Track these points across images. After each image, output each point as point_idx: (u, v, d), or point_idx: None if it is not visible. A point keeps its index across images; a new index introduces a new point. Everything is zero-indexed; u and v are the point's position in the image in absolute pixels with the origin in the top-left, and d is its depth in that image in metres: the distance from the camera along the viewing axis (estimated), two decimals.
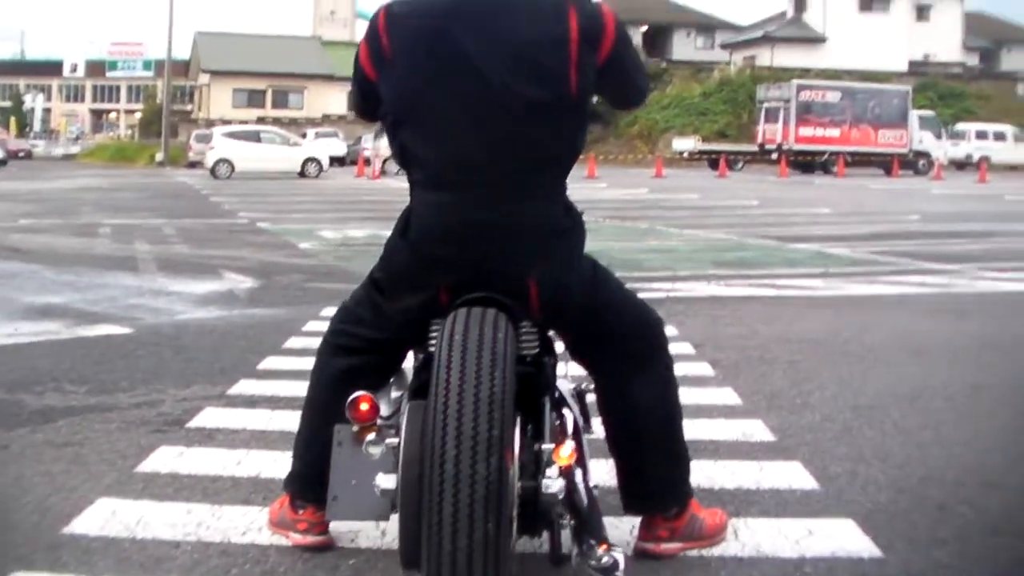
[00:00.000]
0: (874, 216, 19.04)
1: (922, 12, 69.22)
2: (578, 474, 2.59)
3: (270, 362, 5.79)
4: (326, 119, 63.11)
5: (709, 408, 4.81)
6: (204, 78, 67.63)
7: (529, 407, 2.60)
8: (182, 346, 6.35)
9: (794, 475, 3.86)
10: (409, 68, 2.70)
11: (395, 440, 2.48)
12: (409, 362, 2.91)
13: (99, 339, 6.50)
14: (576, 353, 3.02)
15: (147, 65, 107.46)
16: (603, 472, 3.29)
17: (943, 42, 68.78)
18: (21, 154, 66.48)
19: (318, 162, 38.48)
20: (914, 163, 44.22)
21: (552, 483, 2.42)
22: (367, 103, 2.93)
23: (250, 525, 3.27)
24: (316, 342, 3.18)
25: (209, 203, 22.62)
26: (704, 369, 5.73)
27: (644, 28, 78.32)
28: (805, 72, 56.50)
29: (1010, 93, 66.12)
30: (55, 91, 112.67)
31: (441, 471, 2.24)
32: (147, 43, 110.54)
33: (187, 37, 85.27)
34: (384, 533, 3.16)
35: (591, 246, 2.89)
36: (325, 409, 2.91)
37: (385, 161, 39.93)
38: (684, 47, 78.77)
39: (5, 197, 23.96)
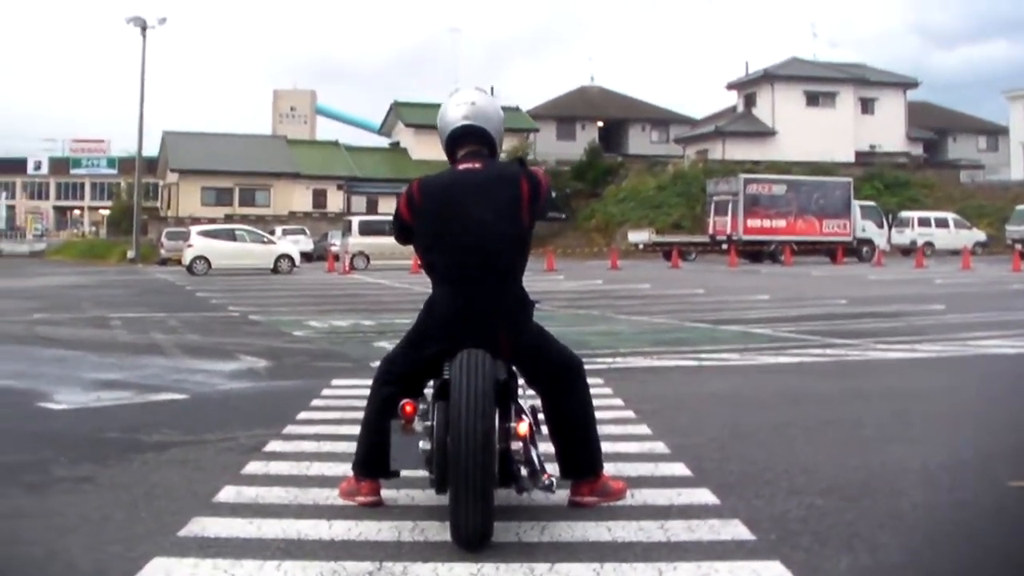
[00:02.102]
0: (806, 301, 21.08)
1: (867, 105, 72.58)
2: (531, 448, 4.59)
3: (304, 415, 7.70)
4: (292, 216, 65.01)
5: (627, 435, 6.79)
6: (173, 176, 69.54)
7: (503, 406, 4.60)
8: (233, 406, 8.30)
9: (679, 471, 5.83)
10: (431, 214, 4.76)
11: (429, 423, 4.47)
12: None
13: (167, 402, 8.44)
14: (529, 380, 5.03)
15: (111, 163, 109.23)
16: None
17: (888, 133, 72.09)
18: None
19: (291, 258, 40.22)
20: (858, 250, 46.76)
21: (516, 443, 4.42)
22: (404, 235, 4.97)
23: (326, 499, 5.19)
24: (335, 403, 5.18)
25: (197, 298, 24.30)
26: (629, 415, 7.69)
27: (600, 124, 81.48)
28: (756, 164, 59.30)
29: (953, 181, 69.09)
30: (19, 189, 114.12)
31: (459, 434, 4.22)
32: (109, 140, 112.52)
33: (151, 135, 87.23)
34: (413, 498, 5.10)
35: (549, 330, 4.89)
36: (378, 416, 4.88)
37: (354, 257, 42.01)
38: (640, 141, 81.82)
39: (5, 295, 25.72)
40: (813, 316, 16.95)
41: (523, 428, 4.52)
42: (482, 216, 4.74)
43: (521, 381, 5.04)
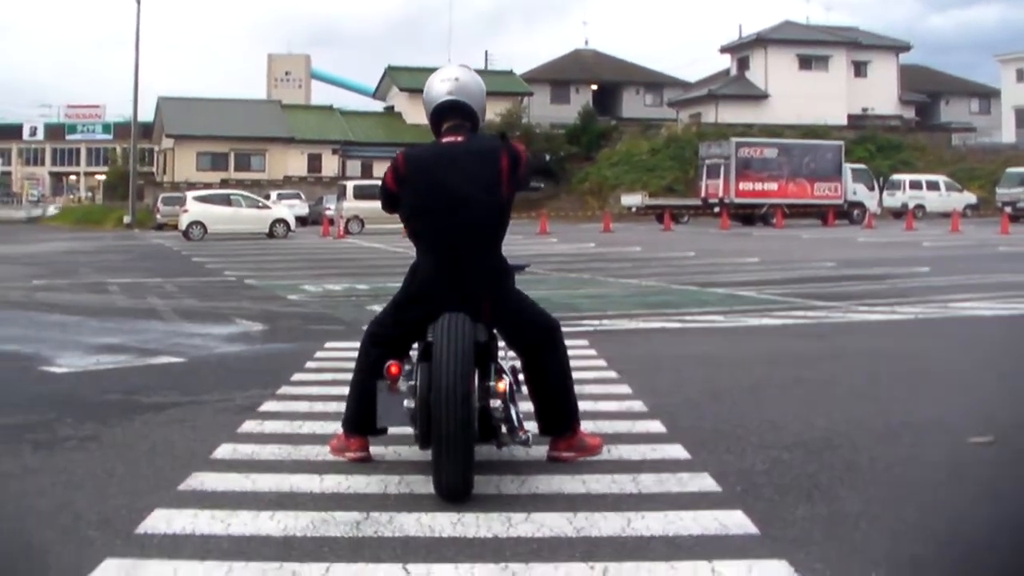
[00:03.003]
0: (794, 264, 21.40)
1: (859, 68, 72.70)
2: (510, 405, 4.88)
3: (297, 376, 7.97)
4: (287, 181, 65.12)
5: (608, 395, 7.08)
6: (168, 142, 69.66)
7: (483, 366, 4.87)
8: (230, 368, 8.58)
9: (655, 428, 6.12)
10: (416, 184, 5.03)
11: (413, 383, 4.74)
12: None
13: (166, 365, 8.72)
14: (509, 341, 5.30)
15: (106, 128, 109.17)
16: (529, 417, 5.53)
17: (880, 96, 72.21)
18: None
19: (286, 223, 40.45)
20: (849, 213, 47.08)
21: (495, 401, 4.71)
22: (390, 204, 5.23)
23: (317, 455, 5.47)
24: (327, 364, 5.48)
25: (193, 263, 24.56)
26: (611, 375, 7.97)
27: (594, 87, 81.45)
28: (749, 128, 59.47)
29: (945, 144, 69.36)
30: (14, 155, 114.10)
31: (440, 393, 4.50)
32: (104, 106, 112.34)
33: (145, 100, 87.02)
34: (399, 454, 5.38)
35: (538, 293, 5.18)
36: (366, 377, 5.15)
37: (348, 221, 42.21)
38: (633, 105, 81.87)
39: (4, 261, 25.98)
40: (800, 279, 17.24)
41: (502, 386, 4.80)
42: (463, 187, 5.00)
43: (502, 343, 5.32)
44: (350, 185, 45.29)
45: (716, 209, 46.20)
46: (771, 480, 4.95)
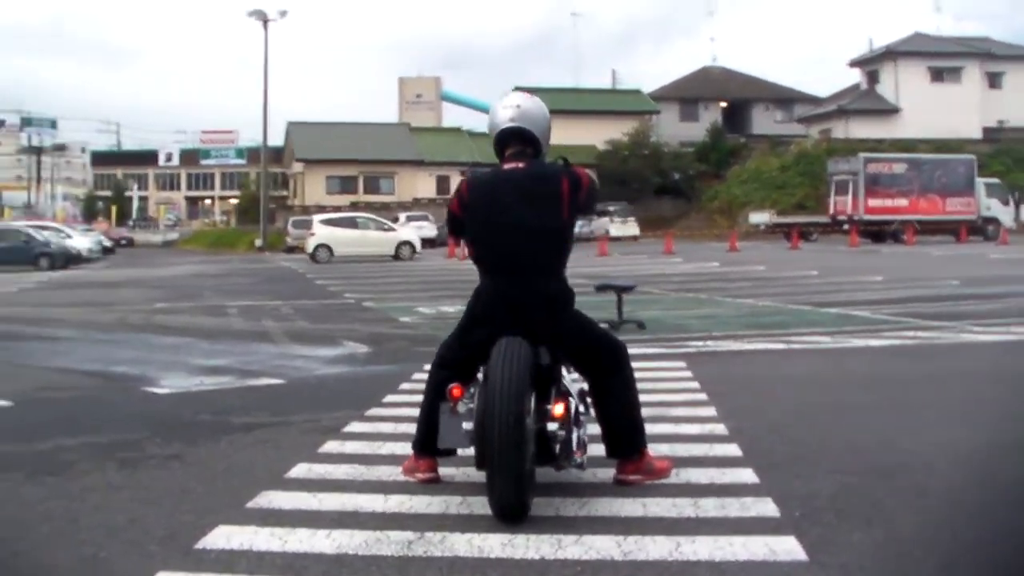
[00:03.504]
0: (918, 282, 20.82)
1: (994, 80, 70.36)
2: (572, 428, 4.91)
3: (391, 398, 8.12)
4: (416, 203, 66.01)
5: (691, 417, 7.05)
6: (298, 166, 71.29)
7: (543, 389, 4.92)
8: (327, 389, 8.79)
9: (731, 451, 6.06)
10: (477, 209, 5.12)
11: (472, 405, 4.81)
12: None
13: (264, 387, 8.96)
14: (574, 365, 5.33)
15: (239, 153, 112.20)
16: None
17: (1017, 108, 69.67)
18: (123, 242, 70.53)
19: (411, 245, 41.03)
20: (983, 229, 45.67)
21: (552, 424, 4.74)
22: (456, 229, 5.34)
23: (389, 475, 5.57)
24: (421, 386, 5.51)
25: (315, 286, 25.07)
26: (700, 397, 7.91)
27: (723, 104, 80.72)
28: (879, 143, 58.15)
29: None
30: (151, 180, 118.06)
31: (492, 414, 4.56)
32: (237, 131, 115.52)
33: (277, 125, 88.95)
34: (468, 475, 5.45)
35: (651, 313, 5.24)
36: (433, 399, 5.24)
37: None
38: (763, 121, 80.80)
39: (132, 284, 26.97)
40: (919, 297, 16.83)
41: (559, 410, 4.83)
42: (522, 212, 5.07)
43: (569, 368, 5.36)
44: None
45: (845, 226, 45.32)
46: (834, 505, 4.86)
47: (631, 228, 56.62)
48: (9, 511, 5.07)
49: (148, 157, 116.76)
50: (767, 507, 4.86)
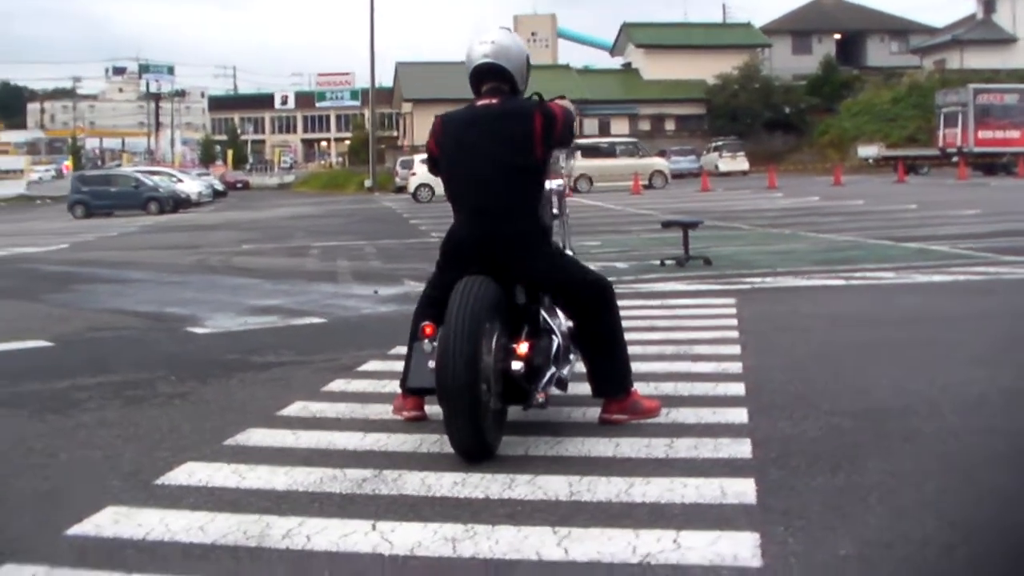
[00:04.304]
0: (1014, 215, 20.05)
1: None
2: (546, 367, 4.86)
3: None
4: None
5: (713, 355, 6.92)
6: (407, 106, 71.58)
7: (512, 328, 4.86)
8: (365, 329, 8.86)
9: (734, 390, 5.93)
10: (450, 148, 5.05)
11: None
12: None
13: (304, 326, 9.07)
14: (558, 305, 5.25)
15: (354, 95, 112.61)
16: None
17: None
18: (239, 185, 71.82)
19: None
20: None
21: (516, 363, 4.69)
22: (434, 167, 5.28)
23: (379, 414, 5.59)
24: None
25: (408, 225, 25.29)
26: (731, 335, 7.73)
27: (837, 36, 78.57)
28: (995, 73, 56.04)
29: None
30: (267, 123, 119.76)
31: (445, 354, 4.52)
32: (353, 73, 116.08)
33: (388, 66, 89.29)
34: None
35: (725, 249, 5.23)
36: (413, 337, 5.22)
37: (577, 179, 42.40)
38: (878, 53, 78.56)
39: (228, 226, 27.51)
40: (1007, 232, 16.18)
41: (522, 349, 4.77)
42: (493, 149, 4.98)
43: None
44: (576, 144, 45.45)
45: (954, 159, 43.87)
46: (811, 448, 4.71)
47: (740, 163, 55.87)
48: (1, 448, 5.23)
49: (264, 100, 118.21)
50: (742, 448, 4.73)
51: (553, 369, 5.07)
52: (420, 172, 40.84)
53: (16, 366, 7.49)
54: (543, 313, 5.23)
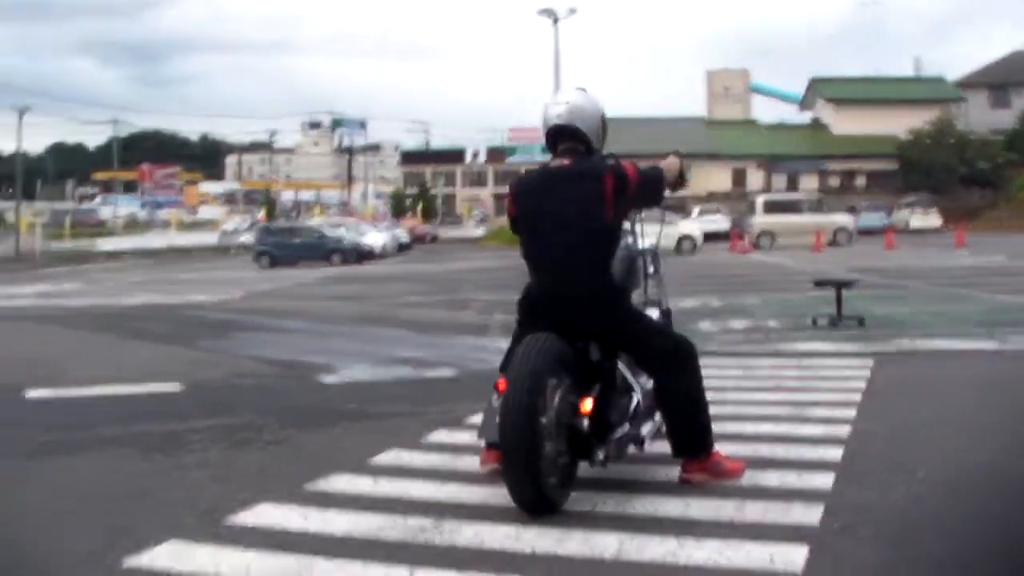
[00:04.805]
0: None
1: None
2: (617, 425, 4.87)
3: None
4: (712, 196, 65.34)
5: (822, 419, 6.75)
6: None
7: (581, 385, 4.88)
8: (489, 382, 8.90)
9: (830, 455, 5.76)
10: (525, 210, 5.16)
11: None
12: None
13: (432, 379, 9.26)
14: (638, 363, 5.25)
15: (544, 150, 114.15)
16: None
17: None
18: (428, 238, 73.34)
19: (693, 239, 40.86)
20: None
21: (579, 419, 4.70)
22: (513, 227, 5.36)
23: (468, 465, 5.64)
24: None
25: None
26: (851, 398, 7.48)
27: None
28: None
29: None
30: (458, 177, 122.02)
31: (505, 409, 4.58)
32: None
33: None
34: None
35: (885, 309, 5.16)
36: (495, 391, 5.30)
37: (759, 236, 41.88)
38: None
39: (403, 278, 28.17)
40: None
41: (586, 406, 4.78)
42: (563, 210, 5.05)
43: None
44: (760, 199, 45.00)
45: None
46: (881, 517, 4.54)
47: (932, 219, 54.06)
48: (99, 483, 5.53)
49: (455, 155, 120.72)
50: (812, 515, 4.60)
51: (627, 427, 5.07)
52: None
53: (141, 408, 7.92)
54: (623, 370, 5.24)
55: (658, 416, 5.39)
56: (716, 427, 6.48)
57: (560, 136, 5.28)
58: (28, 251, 60.94)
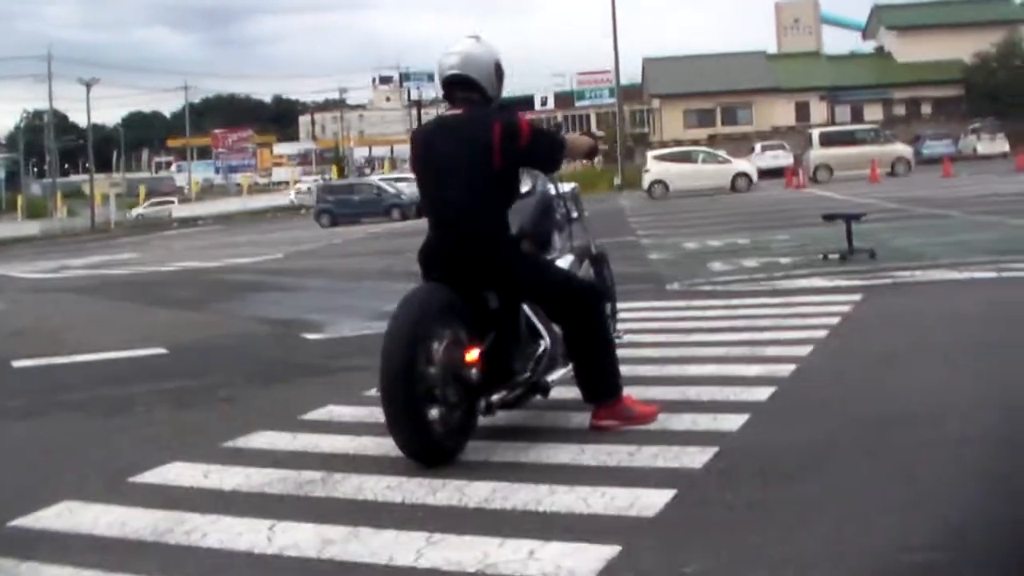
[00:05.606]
0: None
1: None
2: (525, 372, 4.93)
3: None
4: (775, 131, 64.43)
5: (773, 358, 6.73)
6: (655, 102, 71.39)
7: (481, 333, 4.92)
8: None
9: (756, 395, 5.74)
10: (418, 159, 5.18)
11: None
12: None
13: None
14: (543, 310, 5.27)
15: (612, 93, 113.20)
16: None
17: None
18: None
19: (747, 176, 40.40)
20: None
21: (467, 370, 4.76)
22: (416, 178, 5.40)
23: None
24: None
25: (623, 223, 25.12)
26: (818, 335, 7.42)
27: None
28: None
29: None
30: None
31: (384, 357, 4.66)
32: (612, 71, 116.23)
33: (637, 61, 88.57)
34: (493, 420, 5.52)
35: (904, 240, 5.93)
36: None
37: (816, 170, 41.23)
38: None
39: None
40: None
41: (472, 355, 4.82)
42: (453, 157, 5.06)
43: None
44: (816, 132, 44.27)
45: None
46: (772, 458, 4.53)
47: (999, 145, 52.87)
48: (27, 445, 5.87)
49: (524, 102, 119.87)
50: (699, 458, 4.58)
51: (528, 375, 5.11)
52: (653, 169, 40.87)
53: (115, 373, 8.14)
54: (532, 318, 5.27)
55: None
56: (657, 369, 6.60)
57: (455, 85, 5.27)
58: (103, 222, 62.33)
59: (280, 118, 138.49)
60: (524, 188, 5.74)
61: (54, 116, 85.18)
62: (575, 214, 6.11)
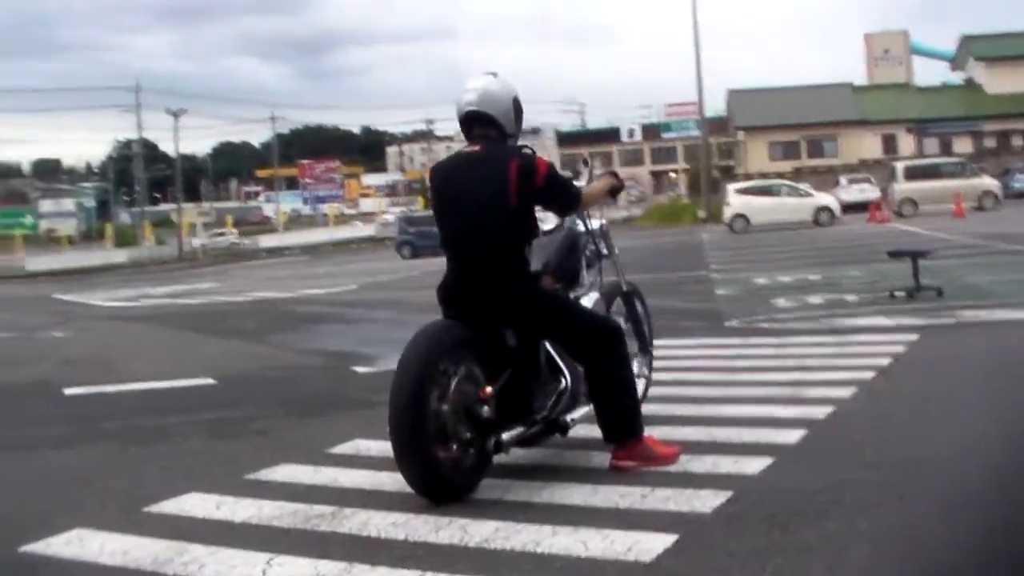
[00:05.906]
0: None
1: None
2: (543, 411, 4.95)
3: None
4: (862, 164, 63.54)
5: (819, 399, 6.59)
6: (740, 134, 70.94)
7: (497, 371, 4.91)
8: None
9: (784, 439, 5.64)
10: (436, 195, 5.22)
11: None
12: None
13: None
14: (564, 348, 5.25)
15: (699, 124, 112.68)
16: None
17: None
18: None
19: (830, 210, 39.77)
20: None
21: (480, 407, 4.75)
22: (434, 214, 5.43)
23: None
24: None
25: (699, 257, 24.96)
26: (862, 377, 7.27)
27: None
28: None
29: None
30: (615, 156, 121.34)
31: (393, 394, 4.67)
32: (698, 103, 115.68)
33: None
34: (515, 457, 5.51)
35: (977, 278, 5.38)
36: None
37: (901, 204, 40.50)
38: None
39: None
40: None
41: (488, 389, 4.83)
42: (471, 195, 5.08)
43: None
44: (900, 166, 43.52)
45: None
46: (786, 504, 4.44)
47: None
48: (54, 473, 5.98)
49: (611, 134, 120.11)
50: (710, 502, 4.51)
51: (545, 412, 5.09)
52: (735, 202, 40.39)
53: (160, 403, 8.27)
54: (554, 355, 5.27)
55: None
56: (694, 409, 6.53)
57: (473, 122, 5.30)
58: (190, 251, 63.58)
59: (368, 149, 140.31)
60: (551, 224, 5.76)
61: (144, 146, 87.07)
62: (605, 251, 6.09)
